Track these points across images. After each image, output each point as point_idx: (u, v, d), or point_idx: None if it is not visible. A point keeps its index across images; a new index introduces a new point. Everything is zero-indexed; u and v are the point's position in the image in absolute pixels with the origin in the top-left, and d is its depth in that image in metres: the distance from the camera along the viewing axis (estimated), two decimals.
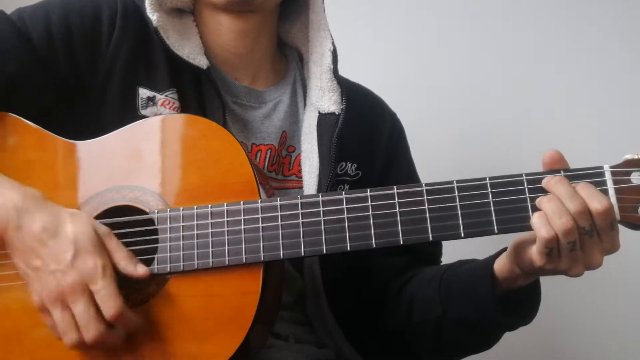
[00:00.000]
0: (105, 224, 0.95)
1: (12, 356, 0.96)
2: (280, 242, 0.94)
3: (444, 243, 1.23)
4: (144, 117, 1.08)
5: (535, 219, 0.88)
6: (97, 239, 0.91)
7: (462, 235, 0.92)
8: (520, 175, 0.93)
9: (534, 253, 0.90)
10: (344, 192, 0.95)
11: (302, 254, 0.94)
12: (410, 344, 1.16)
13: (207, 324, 0.93)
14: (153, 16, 1.09)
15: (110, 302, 0.89)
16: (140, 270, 0.93)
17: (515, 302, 1.01)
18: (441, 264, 1.24)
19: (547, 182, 0.90)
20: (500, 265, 1.00)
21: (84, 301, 0.89)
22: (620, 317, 1.62)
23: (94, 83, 1.09)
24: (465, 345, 1.12)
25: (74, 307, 0.89)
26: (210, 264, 0.94)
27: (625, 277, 1.60)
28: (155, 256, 0.96)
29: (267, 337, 1.05)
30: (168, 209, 0.97)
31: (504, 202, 0.92)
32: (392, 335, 1.18)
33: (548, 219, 0.87)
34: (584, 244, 0.88)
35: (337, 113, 1.16)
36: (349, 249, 0.93)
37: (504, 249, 1.00)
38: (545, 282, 1.00)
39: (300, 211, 0.95)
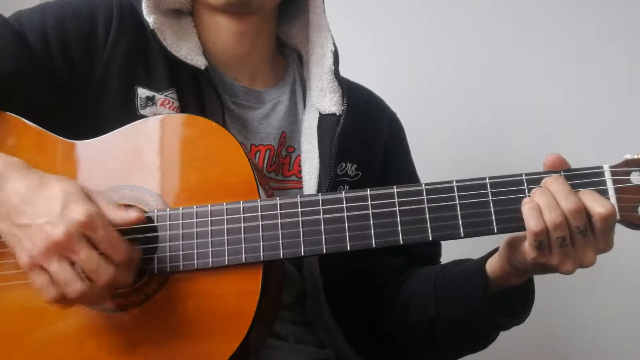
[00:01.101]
0: None
1: (12, 356, 0.95)
2: (280, 241, 0.94)
3: (444, 243, 1.23)
4: (143, 116, 1.08)
5: (526, 210, 0.89)
6: (85, 192, 0.90)
7: (462, 235, 0.92)
8: (520, 175, 0.93)
9: (526, 246, 0.91)
10: (343, 192, 0.95)
11: (302, 253, 0.94)
12: (407, 344, 1.17)
13: (206, 324, 0.93)
14: (149, 18, 1.10)
15: (118, 246, 0.87)
16: (133, 214, 0.91)
17: (508, 301, 1.01)
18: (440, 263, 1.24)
19: (545, 180, 0.91)
20: (493, 264, 1.00)
21: (85, 248, 0.86)
22: (619, 317, 1.62)
23: (91, 84, 1.09)
24: (460, 345, 1.12)
25: (74, 256, 0.86)
26: (210, 264, 0.94)
27: (625, 277, 1.60)
28: (155, 256, 0.95)
29: (267, 337, 1.05)
30: (167, 209, 0.97)
31: (504, 202, 0.92)
32: (390, 335, 1.18)
33: (540, 211, 0.88)
34: (576, 241, 0.89)
35: (338, 114, 1.16)
36: (348, 248, 0.93)
37: (497, 249, 1.00)
38: (543, 281, 1.00)
39: (300, 210, 0.95)
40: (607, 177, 0.91)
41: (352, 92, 1.20)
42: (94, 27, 1.11)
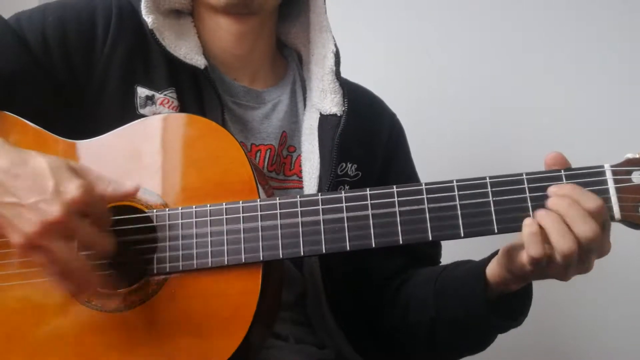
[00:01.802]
0: None
1: (13, 356, 0.95)
2: (280, 241, 0.94)
3: (444, 243, 1.23)
4: (142, 116, 1.08)
5: (526, 234, 0.88)
6: (72, 166, 0.88)
7: (462, 235, 0.92)
8: (521, 174, 0.92)
9: (523, 259, 0.90)
10: (343, 192, 0.95)
11: (302, 253, 0.94)
12: (407, 344, 1.16)
13: (206, 324, 0.93)
14: (148, 18, 1.10)
15: (106, 218, 0.88)
16: (129, 185, 0.90)
17: (507, 305, 1.00)
18: (440, 264, 1.24)
19: (551, 200, 0.88)
20: (492, 270, 1.00)
21: (85, 224, 0.85)
22: (619, 317, 1.62)
23: (91, 84, 1.09)
24: (459, 347, 1.12)
25: (76, 233, 0.85)
26: (210, 264, 0.94)
27: (625, 277, 1.60)
28: (154, 256, 0.95)
29: (266, 337, 1.05)
30: (167, 209, 0.97)
31: (504, 201, 0.91)
32: (390, 335, 1.18)
33: (542, 238, 0.86)
34: (584, 259, 0.87)
35: (338, 114, 1.16)
36: (348, 248, 0.93)
37: (497, 252, 1.00)
38: (542, 281, 0.99)
39: (299, 210, 0.95)
40: (608, 176, 0.91)
41: (352, 93, 1.20)
42: (93, 27, 1.11)
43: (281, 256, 0.94)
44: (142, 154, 1.01)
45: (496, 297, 1.00)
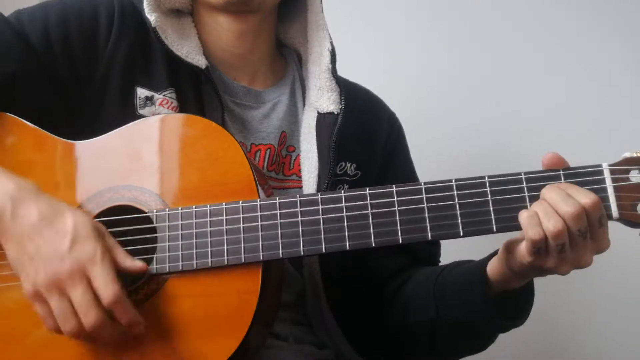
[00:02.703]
0: (104, 223, 0.95)
1: (12, 356, 0.95)
2: (279, 241, 0.94)
3: (444, 243, 1.23)
4: (142, 116, 1.08)
5: (524, 219, 0.89)
6: (96, 229, 0.91)
7: (461, 234, 0.92)
8: (519, 174, 0.93)
9: (522, 250, 0.90)
10: (342, 191, 0.95)
11: (301, 253, 0.94)
12: (407, 345, 1.16)
13: (206, 324, 0.93)
14: (151, 16, 1.10)
15: (108, 287, 0.87)
16: (138, 264, 0.92)
17: (508, 304, 1.00)
18: (440, 264, 1.24)
19: (542, 192, 0.91)
20: (493, 268, 1.00)
21: (83, 287, 0.87)
22: (619, 317, 1.62)
23: (92, 84, 1.09)
24: (460, 347, 1.12)
25: (72, 293, 0.87)
26: (209, 264, 0.94)
27: (624, 277, 1.60)
28: (154, 256, 0.95)
29: (266, 337, 1.05)
30: (167, 209, 0.97)
31: (503, 200, 0.92)
32: (389, 335, 1.18)
33: (539, 219, 0.88)
34: (574, 245, 0.88)
35: (336, 113, 1.16)
36: (348, 248, 0.93)
37: (497, 251, 1.00)
38: (542, 281, 1.00)
39: (299, 209, 0.95)
40: (607, 175, 0.91)
41: (350, 92, 1.21)
42: (95, 25, 1.11)
43: (281, 256, 0.94)
44: (142, 154, 1.01)
45: (497, 297, 1.00)
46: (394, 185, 0.94)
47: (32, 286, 0.89)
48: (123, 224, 0.97)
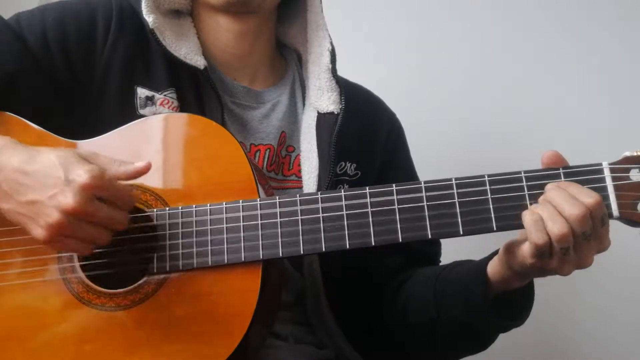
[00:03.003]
0: None
1: (13, 356, 0.95)
2: (279, 240, 0.94)
3: (444, 242, 1.23)
4: (142, 116, 1.08)
5: (528, 221, 0.88)
6: (80, 154, 0.90)
7: (461, 232, 0.92)
8: (519, 172, 0.93)
9: (525, 252, 0.90)
10: (342, 190, 0.95)
11: (301, 252, 0.94)
12: (407, 344, 1.16)
13: (205, 323, 0.93)
14: (149, 18, 1.11)
15: (124, 195, 0.90)
16: (140, 164, 0.92)
17: (508, 304, 1.00)
18: (440, 263, 1.24)
19: (545, 193, 0.90)
20: (493, 268, 0.99)
21: (100, 207, 0.87)
22: (619, 317, 1.62)
23: (91, 85, 1.10)
24: (460, 347, 1.12)
25: (94, 217, 0.87)
26: (209, 263, 0.94)
27: (624, 276, 1.60)
28: (154, 255, 0.96)
29: (266, 336, 1.05)
30: (167, 208, 0.97)
31: (503, 199, 0.92)
32: (390, 335, 1.18)
33: (543, 223, 0.87)
34: (580, 246, 0.88)
35: (336, 112, 1.16)
36: (348, 246, 0.93)
37: (497, 251, 1.00)
38: (543, 281, 1.00)
39: (299, 208, 0.95)
40: (607, 174, 0.91)
41: (351, 92, 1.21)
42: (93, 28, 1.12)
43: (281, 255, 0.94)
44: (143, 154, 1.01)
45: (497, 297, 1.00)
46: (394, 184, 0.94)
47: (48, 230, 0.87)
48: None
